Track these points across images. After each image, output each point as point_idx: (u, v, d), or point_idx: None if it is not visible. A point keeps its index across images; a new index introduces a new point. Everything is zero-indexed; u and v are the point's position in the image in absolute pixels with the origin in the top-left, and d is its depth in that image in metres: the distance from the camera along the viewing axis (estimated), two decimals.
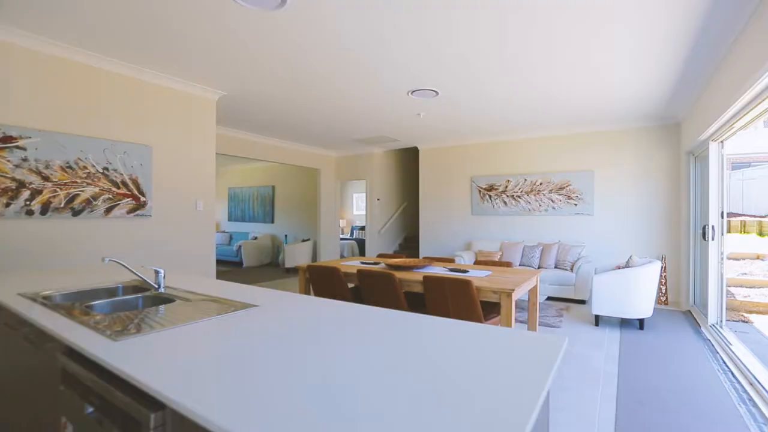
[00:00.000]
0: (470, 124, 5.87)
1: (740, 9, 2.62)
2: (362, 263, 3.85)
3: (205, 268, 4.41)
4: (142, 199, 3.82)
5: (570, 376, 2.97)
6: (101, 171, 3.52)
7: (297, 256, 8.37)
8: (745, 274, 6.15)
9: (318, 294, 3.52)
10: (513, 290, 2.53)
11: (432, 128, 6.21)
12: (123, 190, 3.68)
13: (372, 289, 3.15)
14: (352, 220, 12.05)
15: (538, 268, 5.83)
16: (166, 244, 4.02)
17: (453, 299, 2.72)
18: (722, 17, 2.74)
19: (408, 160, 9.26)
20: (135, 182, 3.77)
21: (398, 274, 3.10)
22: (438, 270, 3.35)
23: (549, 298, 5.66)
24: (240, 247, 9.27)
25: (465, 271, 3.22)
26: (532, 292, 3.32)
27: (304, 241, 8.61)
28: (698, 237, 4.90)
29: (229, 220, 11.10)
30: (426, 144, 7.46)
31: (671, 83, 4.11)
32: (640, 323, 4.16)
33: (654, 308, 5.04)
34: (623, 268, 4.24)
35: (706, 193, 4.69)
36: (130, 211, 3.72)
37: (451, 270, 3.28)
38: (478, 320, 2.68)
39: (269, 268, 9.15)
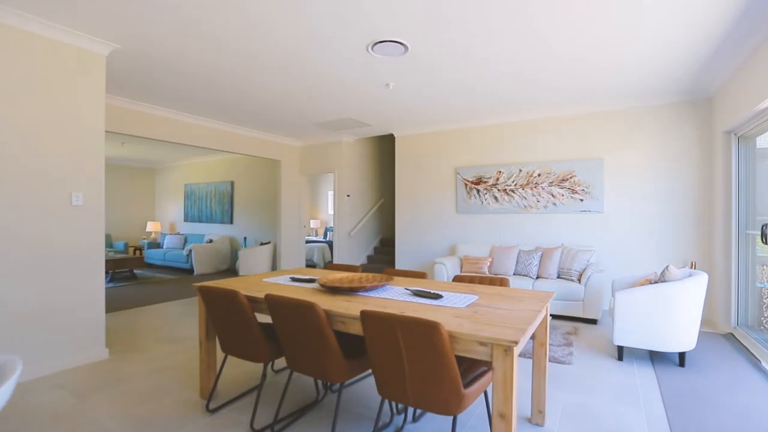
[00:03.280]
0: (451, 101, 4.73)
1: None
2: (293, 279, 2.67)
3: (85, 285, 3.19)
4: None
5: None
6: None
7: (253, 262, 7.15)
8: None
9: (217, 329, 2.33)
10: (515, 342, 1.38)
11: (407, 108, 5.06)
12: None
13: (288, 326, 1.98)
14: (327, 221, 10.85)
15: (537, 278, 4.72)
16: (8, 253, 2.79)
17: (410, 353, 1.56)
18: None
19: (384, 150, 8.11)
20: None
21: (327, 305, 1.94)
22: (395, 295, 2.19)
23: (552, 317, 4.54)
24: (191, 251, 8.00)
25: (437, 296, 2.06)
26: (541, 325, 2.18)
27: (262, 244, 7.39)
28: (743, 238, 3.83)
29: (185, 220, 9.81)
30: (402, 130, 6.31)
31: (713, 45, 3.05)
32: (680, 358, 3.05)
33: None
34: (657, 282, 3.14)
35: (754, 182, 3.63)
36: None
37: (416, 294, 2.13)
38: (454, 389, 1.52)
39: (226, 276, 7.89)
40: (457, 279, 2.67)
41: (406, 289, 2.24)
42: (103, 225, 3.32)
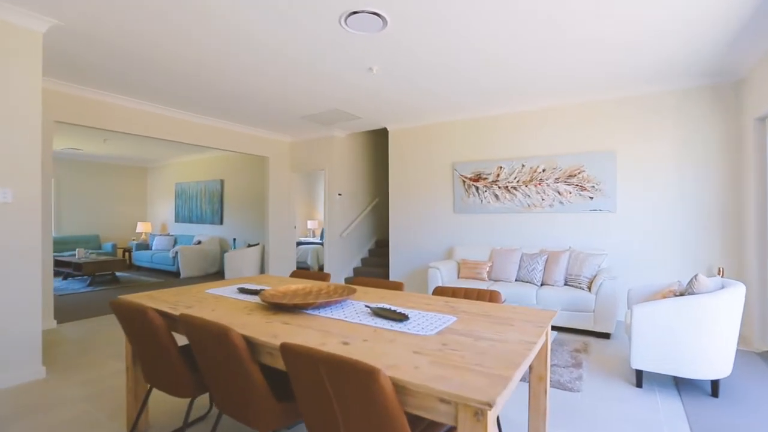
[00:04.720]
0: (442, 87, 4.24)
1: None
2: (240, 290, 2.22)
3: (16, 294, 2.77)
4: None
5: None
6: None
7: (240, 265, 6.74)
8: None
9: (138, 355, 1.89)
10: (489, 406, 0.91)
11: (396, 98, 4.59)
12: None
13: (207, 356, 1.52)
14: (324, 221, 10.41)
15: (542, 285, 4.21)
16: None
17: (342, 405, 1.10)
18: None
19: (379, 146, 7.65)
20: None
21: (254, 329, 1.48)
22: (350, 314, 1.73)
23: (556, 329, 4.04)
24: (177, 253, 7.61)
25: (402, 318, 1.60)
26: (540, 355, 1.70)
27: (250, 246, 6.97)
28: None
29: (176, 221, 9.45)
30: (395, 123, 5.84)
31: (746, 15, 2.52)
32: (713, 386, 2.54)
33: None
34: (684, 294, 2.63)
35: None
36: None
37: (376, 314, 1.66)
38: None
39: (215, 279, 7.49)
40: (437, 291, 2.19)
41: (366, 306, 1.78)
42: (39, 225, 2.90)
